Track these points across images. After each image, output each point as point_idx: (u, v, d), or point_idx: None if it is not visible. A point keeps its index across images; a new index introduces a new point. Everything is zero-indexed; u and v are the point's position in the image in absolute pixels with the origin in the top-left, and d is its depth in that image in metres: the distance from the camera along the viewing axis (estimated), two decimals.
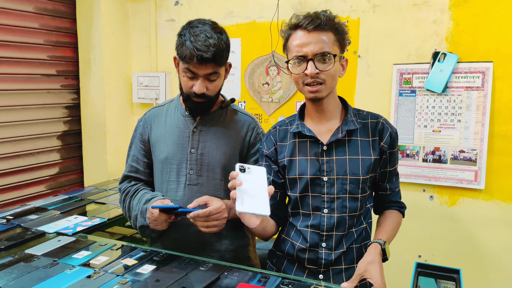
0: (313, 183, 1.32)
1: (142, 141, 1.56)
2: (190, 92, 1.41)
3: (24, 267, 1.26)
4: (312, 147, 1.34)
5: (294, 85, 2.53)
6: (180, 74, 1.43)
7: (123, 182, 1.57)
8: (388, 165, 1.37)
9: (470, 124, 2.12)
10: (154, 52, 2.94)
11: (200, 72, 1.36)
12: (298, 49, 1.26)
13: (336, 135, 1.31)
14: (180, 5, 2.83)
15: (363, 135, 1.34)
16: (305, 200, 1.35)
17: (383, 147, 1.34)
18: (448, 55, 2.13)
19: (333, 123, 1.36)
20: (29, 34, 2.57)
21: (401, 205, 1.45)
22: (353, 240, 1.34)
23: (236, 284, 1.18)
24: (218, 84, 1.44)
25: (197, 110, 1.46)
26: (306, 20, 1.25)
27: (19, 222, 1.72)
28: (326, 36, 1.25)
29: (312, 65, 1.24)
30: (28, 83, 2.59)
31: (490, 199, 2.12)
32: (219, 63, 1.37)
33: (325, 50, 1.24)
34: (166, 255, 1.37)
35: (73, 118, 2.91)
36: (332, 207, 1.31)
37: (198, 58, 1.32)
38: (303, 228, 1.35)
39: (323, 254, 1.32)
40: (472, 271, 2.16)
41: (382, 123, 1.35)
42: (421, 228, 2.26)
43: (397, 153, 1.40)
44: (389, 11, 2.26)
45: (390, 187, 1.42)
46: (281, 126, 1.44)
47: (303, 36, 1.26)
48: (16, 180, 2.56)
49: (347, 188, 1.30)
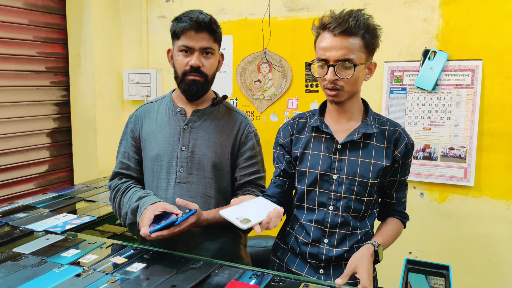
0: (322, 179, 1.33)
1: (133, 138, 1.55)
2: (186, 69, 1.42)
3: (12, 266, 1.24)
4: (327, 144, 1.34)
5: (285, 82, 2.53)
6: (175, 57, 1.45)
7: (113, 179, 1.55)
8: (398, 175, 1.37)
9: (459, 121, 2.14)
10: (145, 48, 2.92)
11: (196, 44, 1.40)
12: (322, 53, 1.25)
13: (352, 135, 1.31)
14: (172, 1, 2.81)
15: (379, 140, 1.33)
16: (311, 195, 1.35)
17: (397, 156, 1.33)
18: (438, 53, 2.14)
19: (352, 123, 1.35)
20: (18, 30, 2.54)
21: (404, 216, 1.45)
22: (357, 240, 1.35)
23: (227, 281, 1.17)
24: (213, 63, 1.46)
25: (192, 90, 1.44)
26: (334, 22, 1.22)
27: (7, 220, 1.70)
28: (352, 41, 1.22)
29: (332, 72, 1.23)
30: (17, 79, 2.56)
31: (479, 195, 2.14)
32: (214, 34, 1.42)
33: (347, 57, 1.21)
34: (156, 253, 1.36)
35: (63, 115, 2.88)
36: (338, 206, 1.32)
37: (195, 25, 1.37)
38: (307, 223, 1.36)
39: (324, 250, 1.33)
40: (462, 267, 2.18)
41: (400, 132, 1.35)
42: (412, 225, 2.26)
43: (409, 164, 1.38)
44: (380, 9, 2.26)
45: (397, 196, 1.42)
46: (300, 119, 1.44)
47: (328, 40, 1.23)
48: (5, 178, 2.53)
49: (354, 189, 1.31)
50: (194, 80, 1.43)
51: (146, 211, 1.32)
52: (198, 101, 1.51)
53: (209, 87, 1.50)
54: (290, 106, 2.55)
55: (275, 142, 1.47)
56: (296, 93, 2.53)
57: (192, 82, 1.43)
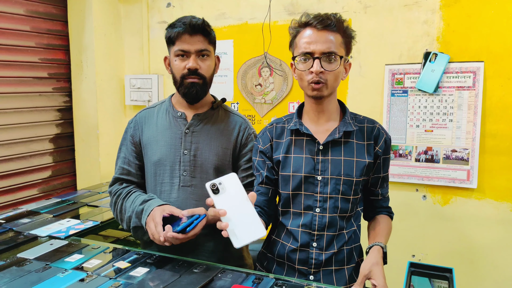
0: (307, 181, 1.33)
1: (133, 143, 1.55)
2: (184, 73, 1.44)
3: (16, 271, 1.25)
4: (308, 146, 1.35)
5: (286, 86, 2.53)
6: (172, 62, 1.47)
7: (113, 185, 1.55)
8: (381, 171, 1.39)
9: (462, 123, 2.14)
10: (146, 54, 2.94)
11: (192, 47, 1.42)
12: (306, 46, 1.28)
13: (333, 135, 1.33)
14: (172, 7, 2.83)
15: (359, 138, 1.35)
16: (297, 199, 1.35)
17: (378, 151, 1.36)
18: (439, 55, 2.14)
19: (330, 124, 1.37)
20: (20, 36, 2.56)
21: (390, 211, 1.47)
22: (344, 242, 1.34)
23: (230, 285, 1.17)
24: (210, 65, 1.47)
25: (191, 93, 1.46)
26: (317, 19, 1.28)
27: (11, 226, 1.70)
28: (334, 36, 1.28)
29: (318, 63, 1.26)
30: (20, 86, 2.57)
31: (482, 198, 2.14)
32: (208, 36, 1.45)
33: (332, 50, 1.26)
34: (159, 257, 1.36)
35: (66, 121, 2.89)
36: (325, 207, 1.32)
37: (188, 29, 1.40)
38: (294, 228, 1.35)
39: (314, 254, 1.32)
40: (465, 270, 2.18)
41: (378, 129, 1.38)
42: (415, 228, 2.27)
43: (389, 159, 1.42)
44: (381, 12, 2.27)
45: (382, 192, 1.44)
46: (278, 124, 1.44)
47: (312, 34, 1.28)
48: (8, 184, 2.54)
49: (340, 188, 1.31)
50: (192, 82, 1.44)
51: (154, 213, 1.31)
52: (198, 104, 1.52)
53: (208, 89, 1.51)
54: (291, 109, 2.56)
55: (254, 150, 1.47)
56: (297, 96, 2.53)
57: (191, 84, 1.44)
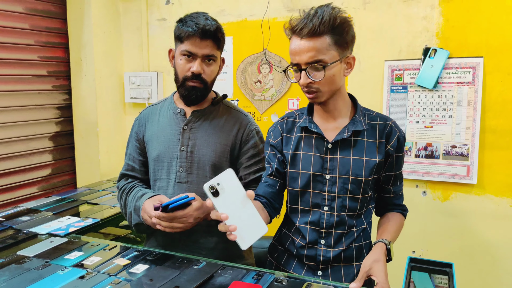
0: (315, 179, 1.32)
1: (137, 140, 1.58)
2: (187, 75, 1.42)
3: (16, 269, 1.25)
4: (317, 144, 1.33)
5: (286, 83, 2.53)
6: (177, 60, 1.45)
7: (120, 180, 1.59)
8: (393, 169, 1.36)
9: (461, 119, 2.14)
10: (145, 51, 2.93)
11: (200, 51, 1.39)
12: (292, 57, 1.24)
13: (342, 134, 1.30)
14: (171, 4, 2.82)
15: (370, 136, 1.32)
16: (305, 196, 1.34)
17: (390, 150, 1.32)
18: (438, 50, 2.13)
19: (341, 121, 1.34)
20: (19, 34, 2.55)
21: (403, 208, 1.45)
22: (353, 239, 1.33)
23: (230, 282, 1.17)
24: (214, 70, 1.46)
25: (191, 97, 1.46)
26: (300, 25, 1.20)
27: (11, 223, 1.70)
28: (320, 41, 1.19)
29: (305, 75, 1.22)
30: (19, 84, 2.57)
31: (482, 193, 2.14)
32: (218, 43, 1.43)
33: (316, 59, 1.20)
34: (159, 254, 1.36)
35: (65, 119, 2.89)
36: (332, 206, 1.31)
37: (200, 32, 1.37)
38: (302, 225, 1.35)
39: (322, 251, 1.32)
40: (465, 265, 2.18)
41: (391, 126, 1.33)
42: (415, 224, 2.27)
43: (403, 157, 1.38)
44: (380, 8, 2.26)
45: (394, 190, 1.41)
46: (289, 118, 1.43)
47: (296, 43, 1.22)
48: (8, 182, 2.54)
49: (348, 188, 1.30)
50: (194, 86, 1.43)
51: (145, 205, 1.36)
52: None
53: (208, 92, 1.51)
54: (291, 106, 2.55)
55: (266, 143, 1.46)
56: (296, 93, 2.53)
57: (192, 88, 1.44)
